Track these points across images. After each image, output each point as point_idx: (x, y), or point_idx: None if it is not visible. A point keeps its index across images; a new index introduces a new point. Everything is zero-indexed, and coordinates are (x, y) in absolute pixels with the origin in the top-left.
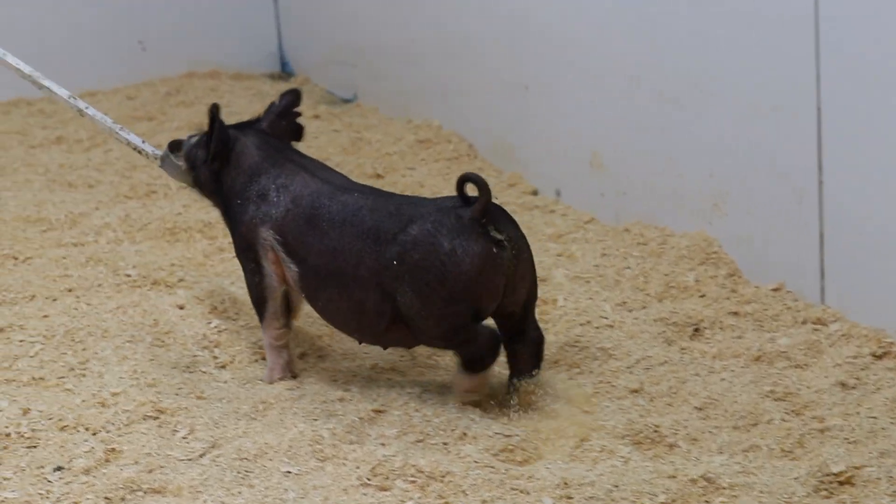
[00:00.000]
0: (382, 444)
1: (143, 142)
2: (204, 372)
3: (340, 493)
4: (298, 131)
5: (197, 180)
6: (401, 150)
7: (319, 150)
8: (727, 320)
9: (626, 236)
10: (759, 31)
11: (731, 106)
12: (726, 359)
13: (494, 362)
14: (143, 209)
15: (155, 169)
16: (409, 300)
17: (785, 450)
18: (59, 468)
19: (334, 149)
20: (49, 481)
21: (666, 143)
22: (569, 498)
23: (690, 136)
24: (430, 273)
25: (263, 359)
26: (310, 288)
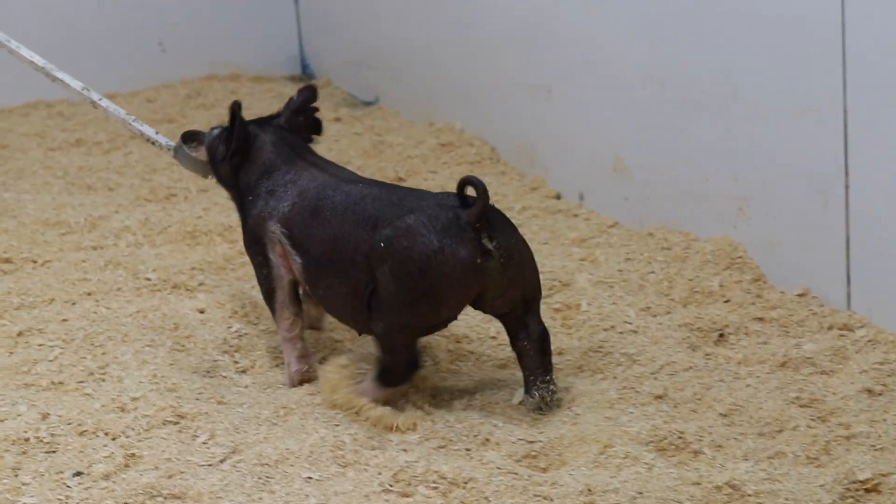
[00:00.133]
0: (404, 450)
1: (156, 133)
2: (224, 377)
3: (362, 500)
4: (317, 126)
5: (217, 174)
6: (422, 153)
7: (341, 153)
8: (752, 326)
9: (649, 241)
10: (785, 34)
11: (755, 109)
12: (751, 365)
13: (405, 384)
14: (163, 212)
15: (175, 172)
16: (386, 281)
17: (810, 457)
18: (78, 473)
19: (355, 152)
20: (68, 487)
21: (690, 146)
22: None
23: (715, 140)
24: (413, 263)
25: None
26: (312, 278)
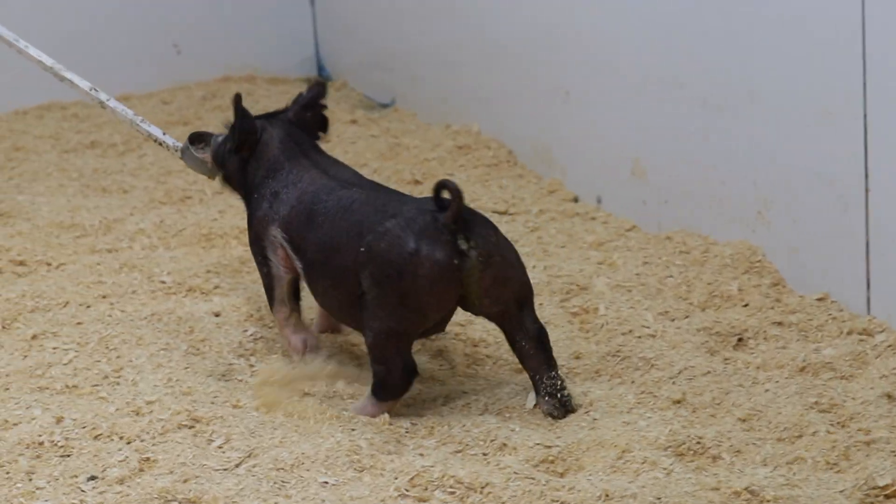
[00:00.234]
0: (421, 455)
1: (163, 133)
2: (240, 380)
3: None
4: (324, 123)
5: (225, 172)
6: (439, 155)
7: (357, 155)
8: (771, 330)
9: (668, 244)
10: (805, 37)
11: (775, 112)
12: (770, 369)
13: (402, 396)
14: (178, 215)
15: (190, 174)
16: (368, 286)
17: (830, 462)
18: (92, 477)
19: (372, 154)
20: (83, 491)
21: (709, 150)
22: None
23: (734, 143)
24: (390, 265)
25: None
26: (311, 281)
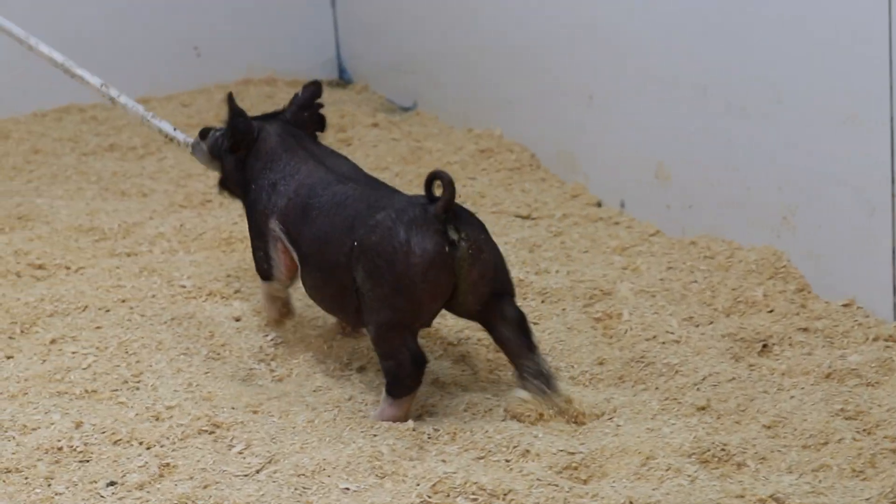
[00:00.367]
0: (443, 461)
1: (174, 129)
2: (260, 385)
3: None
4: (321, 122)
5: (222, 171)
6: (462, 159)
7: (378, 158)
8: (796, 336)
9: (692, 249)
10: (831, 40)
11: (801, 116)
12: (795, 376)
13: (417, 388)
14: (199, 218)
15: (210, 178)
16: (362, 281)
17: (856, 470)
18: (112, 483)
19: (393, 158)
20: (102, 497)
21: (734, 154)
22: None
23: (759, 148)
24: (381, 257)
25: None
26: (304, 273)
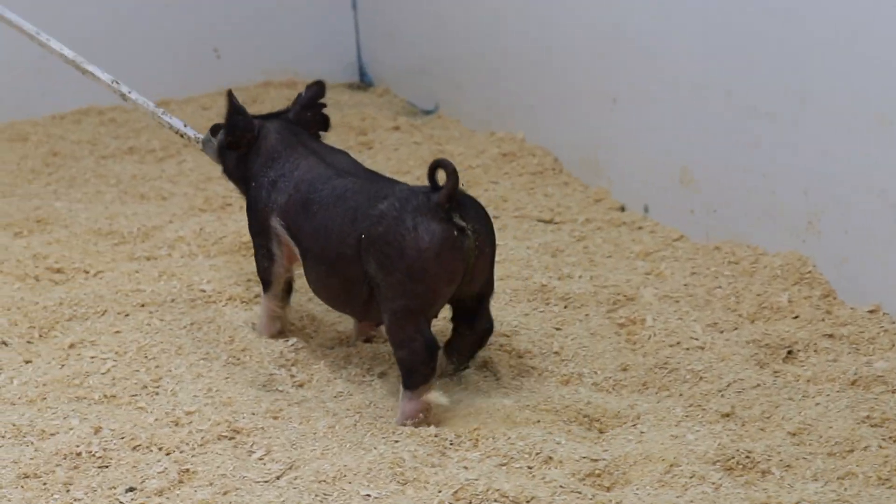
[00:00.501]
0: (465, 468)
1: (185, 125)
2: (281, 391)
3: None
4: (325, 122)
5: (224, 166)
6: (484, 163)
7: (400, 162)
8: (822, 343)
9: (716, 255)
10: (858, 42)
11: (827, 120)
12: (821, 383)
13: (432, 377)
14: (218, 222)
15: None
16: (374, 272)
17: (882, 478)
18: (131, 489)
19: (415, 161)
20: (121, 503)
21: (759, 158)
22: None
23: (784, 152)
24: (391, 246)
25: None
26: (306, 268)
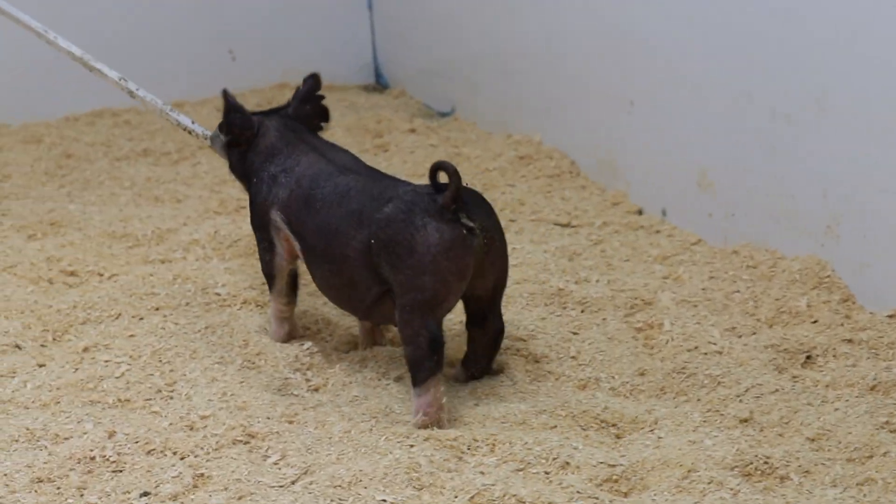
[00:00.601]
0: (482, 473)
1: (192, 122)
2: (296, 395)
3: None
4: (324, 113)
5: (230, 163)
6: (500, 166)
7: (416, 165)
8: (841, 348)
9: (734, 259)
10: (877, 44)
11: (846, 123)
12: (840, 388)
13: (438, 371)
14: (233, 225)
15: None
16: (387, 273)
17: None
18: (145, 494)
19: (431, 164)
20: None
21: (777, 161)
22: None
23: (803, 155)
24: (400, 246)
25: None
26: (310, 264)
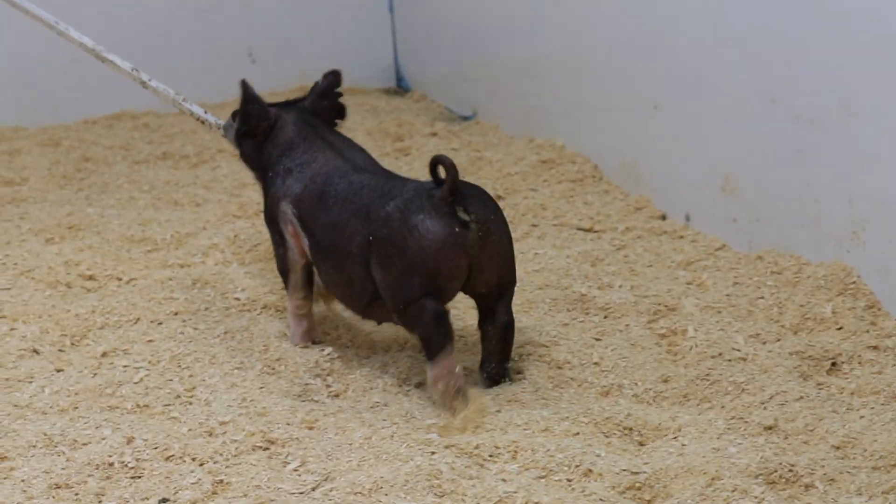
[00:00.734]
0: (503, 480)
1: (205, 112)
2: (316, 401)
3: None
4: (341, 110)
5: (242, 153)
6: (522, 170)
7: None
8: (866, 355)
9: (759, 264)
10: None
11: (872, 128)
12: (865, 395)
13: (449, 342)
14: (253, 229)
15: None
16: (376, 271)
17: None
18: (164, 500)
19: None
20: None
21: (802, 167)
22: None
23: (829, 160)
24: (393, 246)
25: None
26: (316, 260)
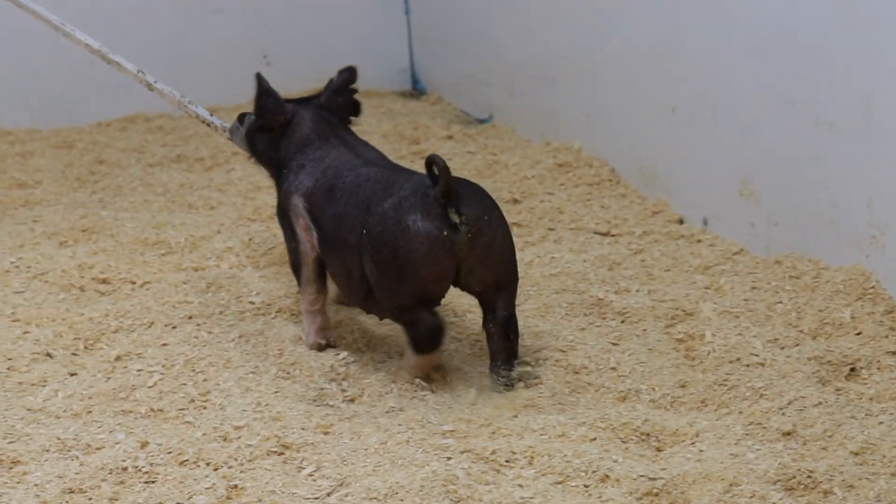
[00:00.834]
0: (520, 486)
1: (211, 115)
2: (331, 406)
3: None
4: (356, 107)
5: (254, 149)
6: (539, 173)
7: (453, 171)
8: (885, 360)
9: (777, 269)
10: None
11: (892, 131)
12: (884, 401)
13: (438, 348)
14: (268, 232)
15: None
16: (370, 269)
17: None
18: None
19: (469, 171)
20: None
21: (821, 170)
22: None
23: (847, 163)
24: (386, 246)
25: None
26: (324, 252)
